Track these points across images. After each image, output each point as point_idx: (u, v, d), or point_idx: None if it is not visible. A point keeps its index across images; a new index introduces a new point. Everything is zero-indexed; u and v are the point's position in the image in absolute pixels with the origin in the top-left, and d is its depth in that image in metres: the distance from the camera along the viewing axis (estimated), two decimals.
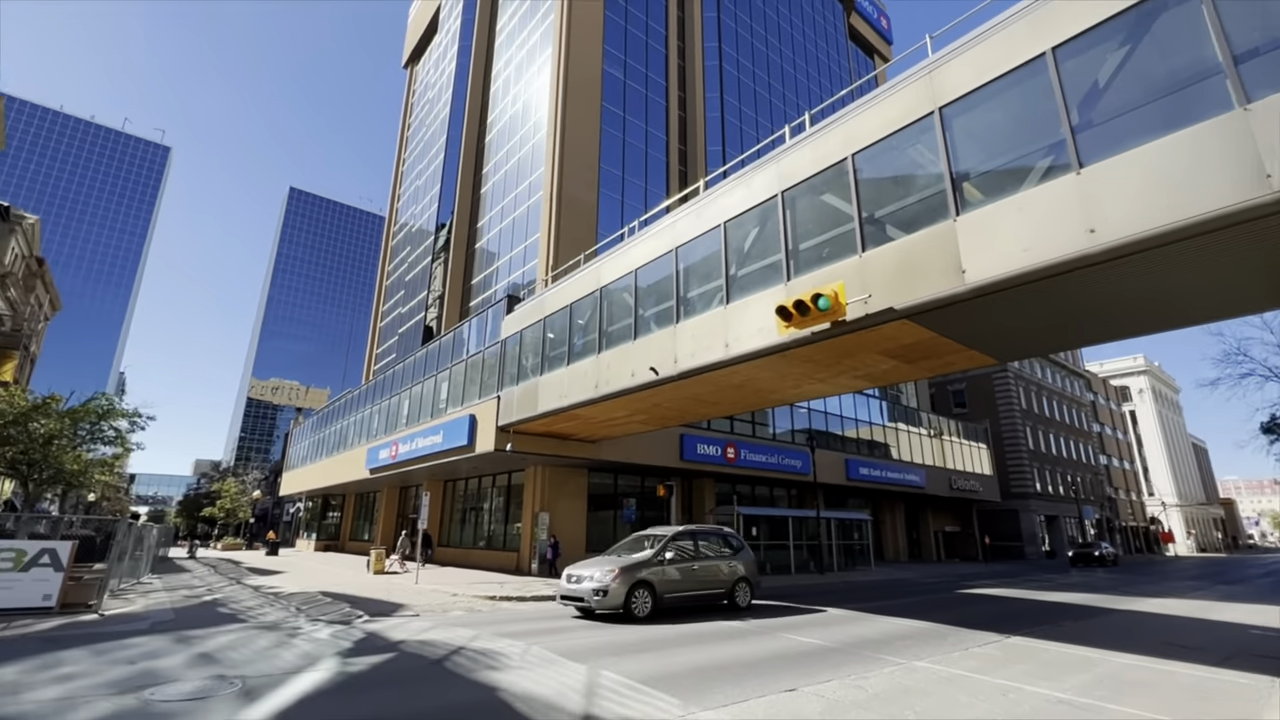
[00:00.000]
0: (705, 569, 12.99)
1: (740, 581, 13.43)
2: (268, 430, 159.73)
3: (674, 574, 12.34)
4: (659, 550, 12.42)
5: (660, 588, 11.93)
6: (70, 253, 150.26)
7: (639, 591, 11.59)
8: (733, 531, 14.65)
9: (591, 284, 16.86)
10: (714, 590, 12.98)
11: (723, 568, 13.31)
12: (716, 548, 13.76)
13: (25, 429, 21.66)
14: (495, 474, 26.13)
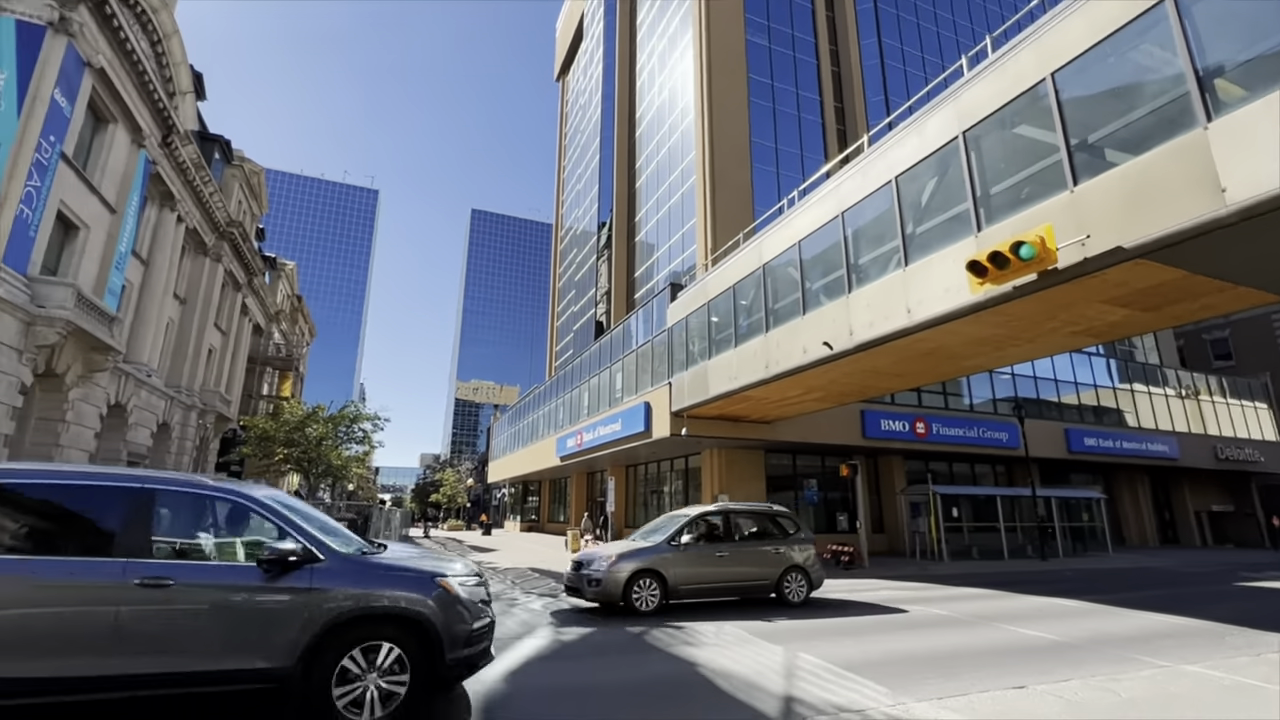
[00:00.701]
0: (741, 555, 10.91)
1: (792, 571, 11.05)
2: (473, 425, 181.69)
3: (693, 561, 10.48)
4: (674, 533, 10.69)
5: (674, 577, 10.18)
6: (316, 287, 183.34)
7: (643, 581, 9.94)
8: (785, 511, 12.17)
9: (753, 262, 16.53)
10: (753, 582, 10.90)
11: (768, 554, 11.07)
12: (761, 530, 11.64)
13: (303, 433, 27.09)
14: (673, 458, 26.91)
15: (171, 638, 4.13)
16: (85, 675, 3.89)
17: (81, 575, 4.05)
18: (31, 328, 15.36)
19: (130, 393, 21.80)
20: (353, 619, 4.45)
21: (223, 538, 4.76)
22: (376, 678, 4.45)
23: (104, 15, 17.00)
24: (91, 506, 4.36)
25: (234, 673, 4.20)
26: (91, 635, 3.93)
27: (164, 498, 4.54)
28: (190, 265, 27.68)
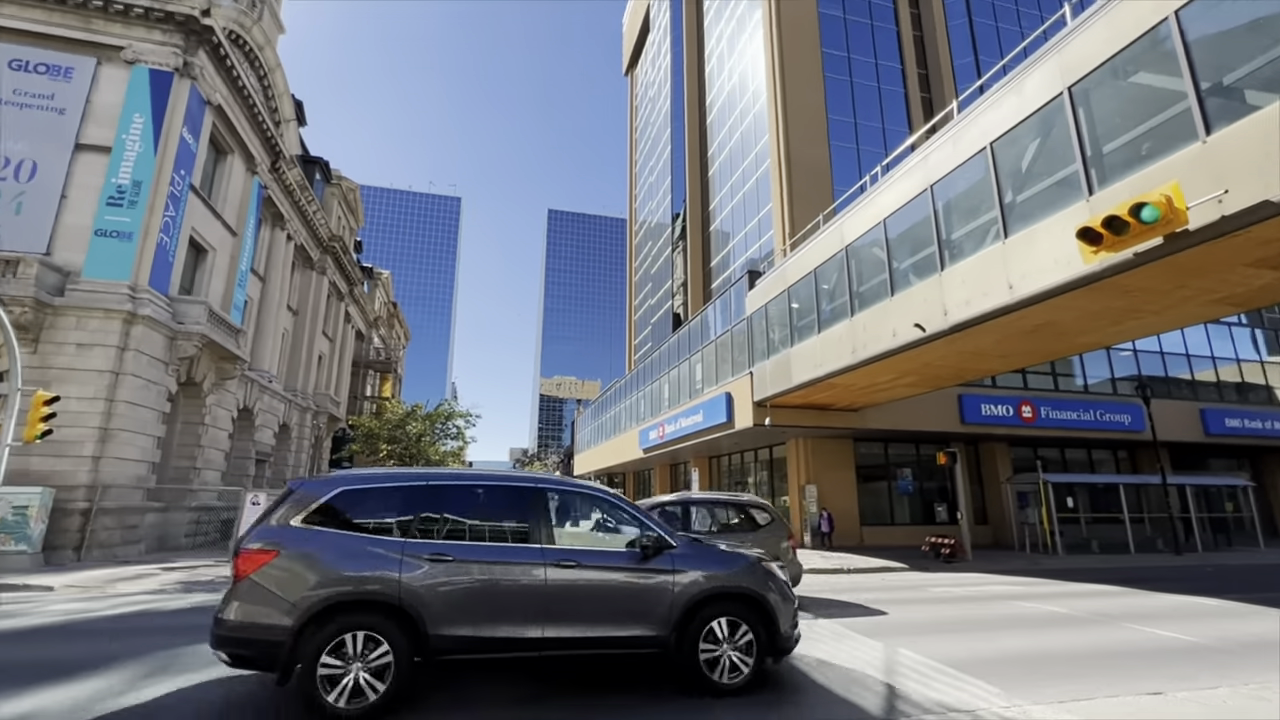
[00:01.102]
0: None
1: None
2: (557, 420, 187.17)
3: None
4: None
5: None
6: (409, 293, 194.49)
7: None
8: (756, 501, 10.95)
9: (834, 244, 15.93)
10: None
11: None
12: (726, 523, 10.53)
13: (404, 431, 28.93)
14: (756, 448, 26.51)
15: (580, 608, 5.01)
16: (522, 636, 4.84)
17: (515, 558, 4.99)
18: (174, 342, 17.29)
19: (256, 397, 24.07)
20: (708, 596, 5.28)
21: (601, 528, 5.74)
22: (729, 649, 5.21)
23: (219, 56, 18.76)
24: (509, 501, 5.36)
25: (629, 638, 5.10)
26: (525, 604, 4.88)
27: (553, 495, 5.51)
28: (299, 279, 30.14)
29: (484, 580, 4.84)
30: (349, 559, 4.65)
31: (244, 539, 4.82)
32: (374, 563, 4.66)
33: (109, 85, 16.72)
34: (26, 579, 11.23)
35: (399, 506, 5.03)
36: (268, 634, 4.40)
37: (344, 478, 5.14)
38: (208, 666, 5.79)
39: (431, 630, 4.60)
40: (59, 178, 15.80)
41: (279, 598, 4.47)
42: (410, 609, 4.57)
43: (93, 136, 16.26)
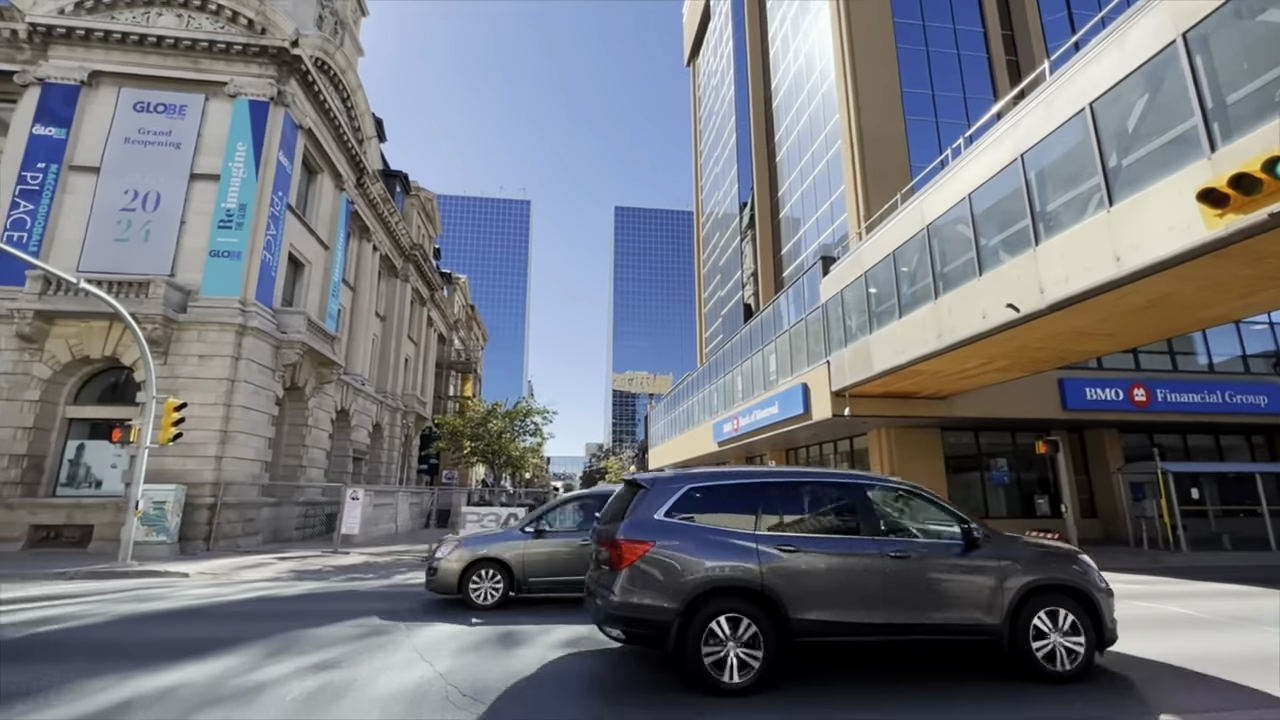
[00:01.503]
0: None
1: None
2: (630, 415, 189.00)
3: (550, 550, 8.96)
4: (534, 518, 9.48)
5: (521, 568, 8.84)
6: (484, 296, 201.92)
7: (484, 571, 8.78)
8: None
9: (914, 224, 15.14)
10: None
11: None
12: None
13: (485, 428, 30.11)
14: (836, 440, 25.71)
15: (916, 596, 5.28)
16: (868, 622, 5.19)
17: (854, 549, 5.37)
18: (279, 350, 18.77)
19: (351, 399, 25.75)
20: (1037, 587, 5.42)
21: (921, 520, 5.92)
22: (1059, 639, 5.30)
23: (307, 83, 20.12)
24: (837, 496, 5.76)
25: (963, 625, 5.30)
26: (868, 592, 5.23)
27: (874, 489, 5.82)
28: (385, 287, 31.95)
29: (831, 569, 5.24)
30: (713, 549, 5.21)
31: (611, 530, 5.50)
32: (734, 553, 5.19)
33: (215, 118, 18.32)
34: (166, 566, 12.56)
35: (741, 501, 5.56)
36: (658, 615, 5.01)
37: (689, 476, 5.71)
38: (324, 648, 6.27)
39: (791, 614, 5.06)
40: (178, 206, 17.48)
41: (662, 583, 5.08)
42: (771, 594, 5.07)
43: (204, 166, 17.88)
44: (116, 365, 16.91)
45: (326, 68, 21.25)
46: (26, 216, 16.72)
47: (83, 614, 8.12)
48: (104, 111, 17.87)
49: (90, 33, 17.82)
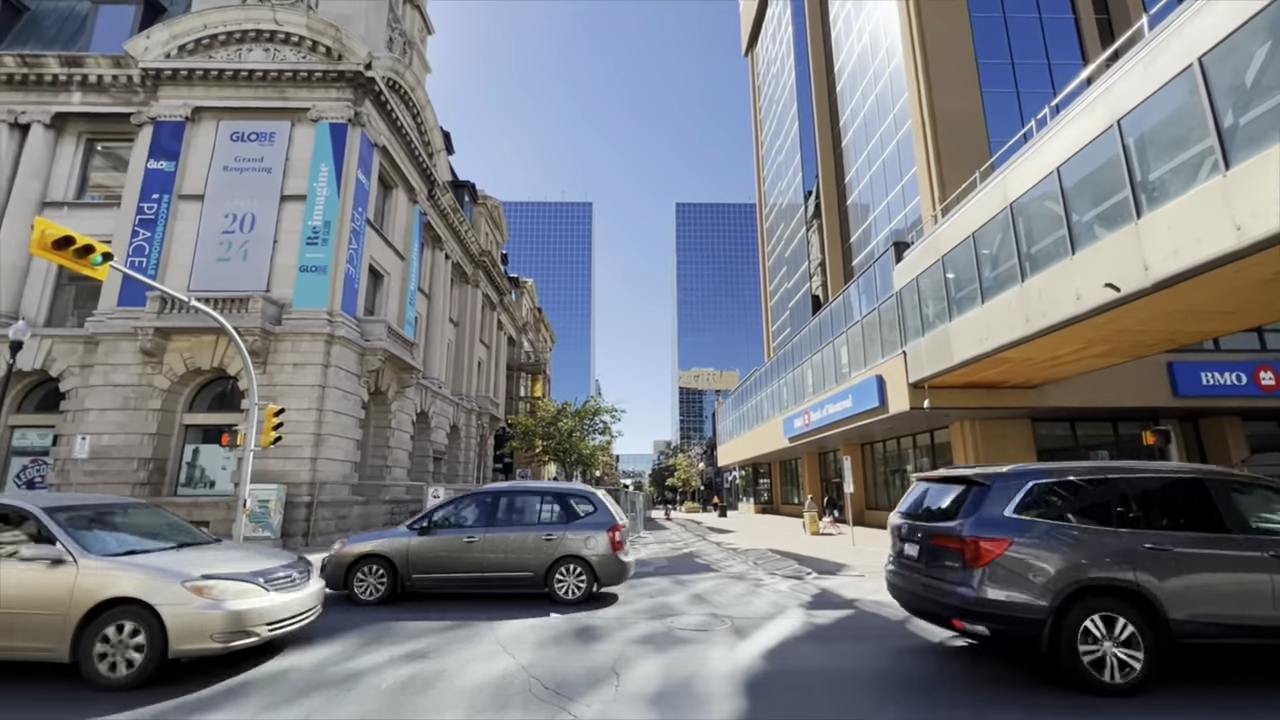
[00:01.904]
0: (499, 543, 9.03)
1: (566, 562, 8.99)
2: (698, 412, 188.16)
3: (435, 547, 8.99)
4: (423, 515, 9.44)
5: (406, 565, 8.90)
6: (551, 298, 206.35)
7: (368, 568, 8.88)
8: (585, 491, 9.85)
9: (996, 203, 14.25)
10: (513, 573, 8.95)
11: (536, 542, 9.04)
12: (535, 514, 9.45)
13: (556, 427, 30.80)
14: (915, 433, 24.61)
15: None
16: (1257, 624, 5.00)
17: (1232, 548, 5.17)
18: (363, 357, 19.88)
19: (429, 402, 26.95)
20: None
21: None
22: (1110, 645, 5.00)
23: (380, 103, 21.18)
24: (1183, 493, 5.53)
25: None
26: (1252, 593, 5.03)
27: (1219, 485, 5.50)
28: (457, 293, 33.22)
29: (1205, 568, 5.05)
30: (1079, 547, 5.15)
31: (947, 527, 5.58)
32: (1103, 550, 5.12)
33: (300, 142, 19.60)
34: None
35: (1093, 497, 5.49)
36: (1028, 612, 5.02)
37: (1035, 472, 5.64)
38: (413, 639, 6.58)
39: (1170, 614, 4.93)
40: (271, 226, 18.83)
41: (1029, 581, 5.08)
42: (1147, 593, 4.97)
43: (292, 188, 19.16)
44: (223, 375, 18.43)
45: (397, 87, 22.29)
46: (145, 243, 18.49)
47: None
48: (205, 143, 19.50)
49: (192, 72, 19.48)
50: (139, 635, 5.07)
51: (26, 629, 5.04)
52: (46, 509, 5.61)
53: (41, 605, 5.07)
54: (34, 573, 5.15)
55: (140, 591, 5.11)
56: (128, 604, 5.11)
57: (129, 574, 5.22)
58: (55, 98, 20.12)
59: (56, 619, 5.03)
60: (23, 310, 18.84)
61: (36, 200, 19.58)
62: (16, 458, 18.59)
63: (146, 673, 5.04)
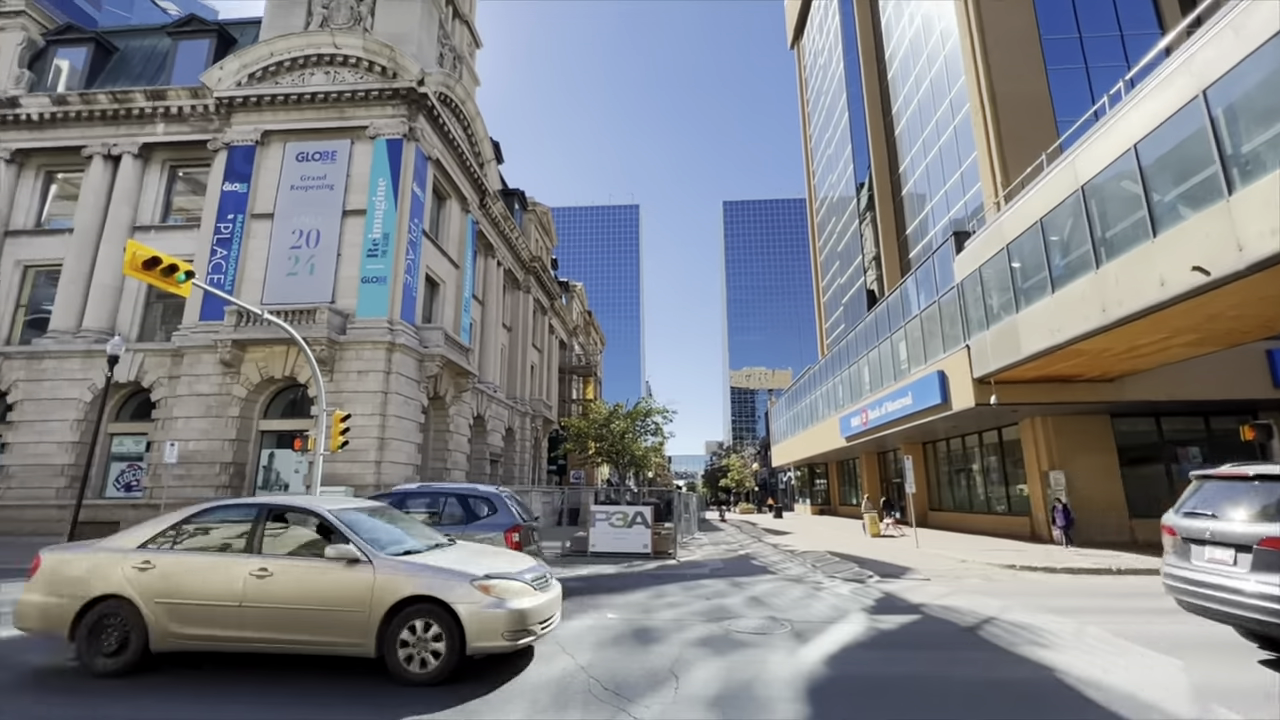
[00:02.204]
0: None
1: None
2: (750, 411, 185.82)
3: None
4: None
5: None
6: (600, 301, 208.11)
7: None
8: (487, 494, 9.88)
9: (1066, 186, 13.46)
10: None
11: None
12: (434, 518, 9.55)
13: (609, 429, 31.01)
14: (980, 431, 23.52)
15: None
16: None
17: None
18: (422, 363, 20.55)
19: (485, 406, 27.62)
20: None
21: None
22: None
23: (433, 117, 21.88)
24: None
25: None
26: None
27: None
28: (509, 299, 33.94)
29: None
30: None
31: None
32: None
33: (360, 159, 20.46)
34: None
35: None
36: None
37: None
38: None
39: None
40: (334, 240, 19.74)
41: None
42: None
43: (353, 203, 20.03)
44: (294, 383, 19.43)
45: (448, 101, 22.98)
46: (222, 261, 19.71)
47: None
48: (274, 164, 20.62)
49: (261, 98, 20.65)
50: (435, 631, 5.19)
51: (341, 625, 5.23)
52: (333, 511, 5.85)
53: (349, 603, 5.24)
54: (336, 572, 5.36)
55: (435, 590, 5.24)
56: (424, 602, 5.23)
57: (419, 573, 5.37)
58: (142, 129, 21.72)
59: (361, 615, 5.21)
60: (118, 327, 20.40)
61: (127, 225, 21.17)
62: (115, 463, 20.13)
63: (449, 668, 5.14)
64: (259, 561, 5.46)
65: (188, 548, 5.76)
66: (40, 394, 19.74)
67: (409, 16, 21.94)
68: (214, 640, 5.38)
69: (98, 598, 5.47)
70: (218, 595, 5.37)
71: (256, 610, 5.30)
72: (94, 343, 19.75)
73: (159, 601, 5.39)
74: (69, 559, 5.72)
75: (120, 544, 5.78)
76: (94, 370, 19.55)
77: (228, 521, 6.03)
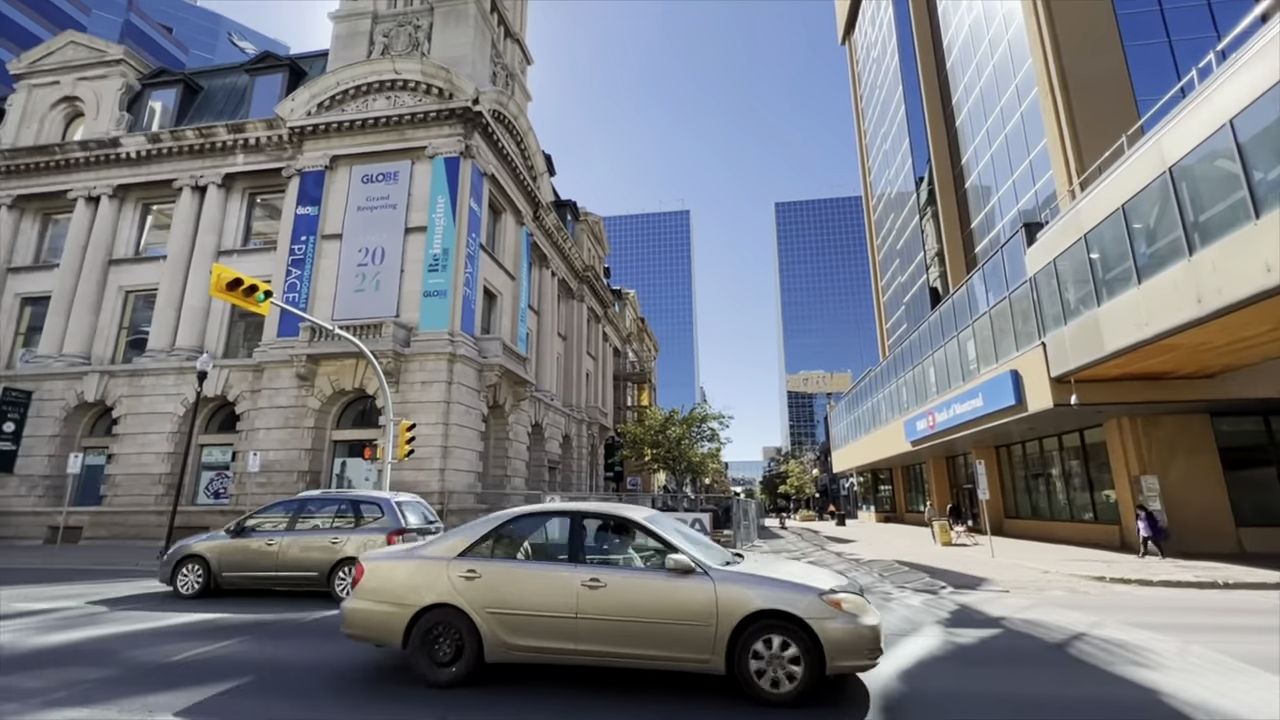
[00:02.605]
0: (294, 545, 9.94)
1: (346, 564, 9.61)
2: (808, 416, 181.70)
3: (243, 550, 10.03)
4: (238, 521, 10.45)
5: (218, 563, 10.02)
6: (652, 308, 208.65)
7: (188, 566, 10.05)
8: (378, 499, 10.38)
9: (1151, 169, 12.53)
10: (303, 573, 9.81)
11: (323, 545, 9.86)
12: (329, 521, 10.23)
13: (665, 435, 30.95)
14: (1060, 433, 22.12)
15: None
16: None
17: None
18: (481, 373, 21.09)
19: (542, 414, 28.07)
20: None
21: None
22: None
23: (488, 134, 22.53)
24: None
25: None
26: None
27: None
28: (564, 308, 34.45)
29: None
30: None
31: None
32: None
33: (420, 178, 21.29)
34: None
35: None
36: None
37: None
38: None
39: None
40: (398, 257, 20.58)
41: None
42: None
43: (414, 220, 20.84)
44: (363, 394, 20.32)
45: (502, 117, 23.63)
46: (297, 280, 20.89)
47: None
48: (341, 187, 21.73)
49: (329, 125, 21.83)
50: (792, 649, 4.77)
51: (684, 640, 4.92)
52: (648, 519, 5.65)
53: (691, 616, 4.92)
54: (674, 583, 5.04)
55: (785, 604, 4.84)
56: (773, 617, 4.84)
57: (763, 586, 4.99)
58: (224, 160, 23.34)
59: (705, 630, 4.88)
60: (205, 345, 21.91)
61: (213, 250, 22.75)
62: (205, 471, 21.57)
63: (807, 688, 4.74)
64: (589, 571, 5.23)
65: (507, 556, 5.63)
66: (140, 408, 21.41)
67: (463, 39, 22.73)
68: (546, 653, 5.17)
69: (428, 606, 5.36)
70: (552, 606, 5.16)
71: (591, 622, 5.06)
72: (185, 360, 21.28)
73: (490, 611, 5.24)
74: (394, 567, 5.63)
75: (436, 552, 5.64)
76: (186, 386, 21.05)
77: (541, 529, 5.97)
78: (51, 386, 22.15)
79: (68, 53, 26.03)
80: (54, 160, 24.31)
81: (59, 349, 22.63)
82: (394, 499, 10.51)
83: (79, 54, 25.90)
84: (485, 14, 24.09)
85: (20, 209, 24.97)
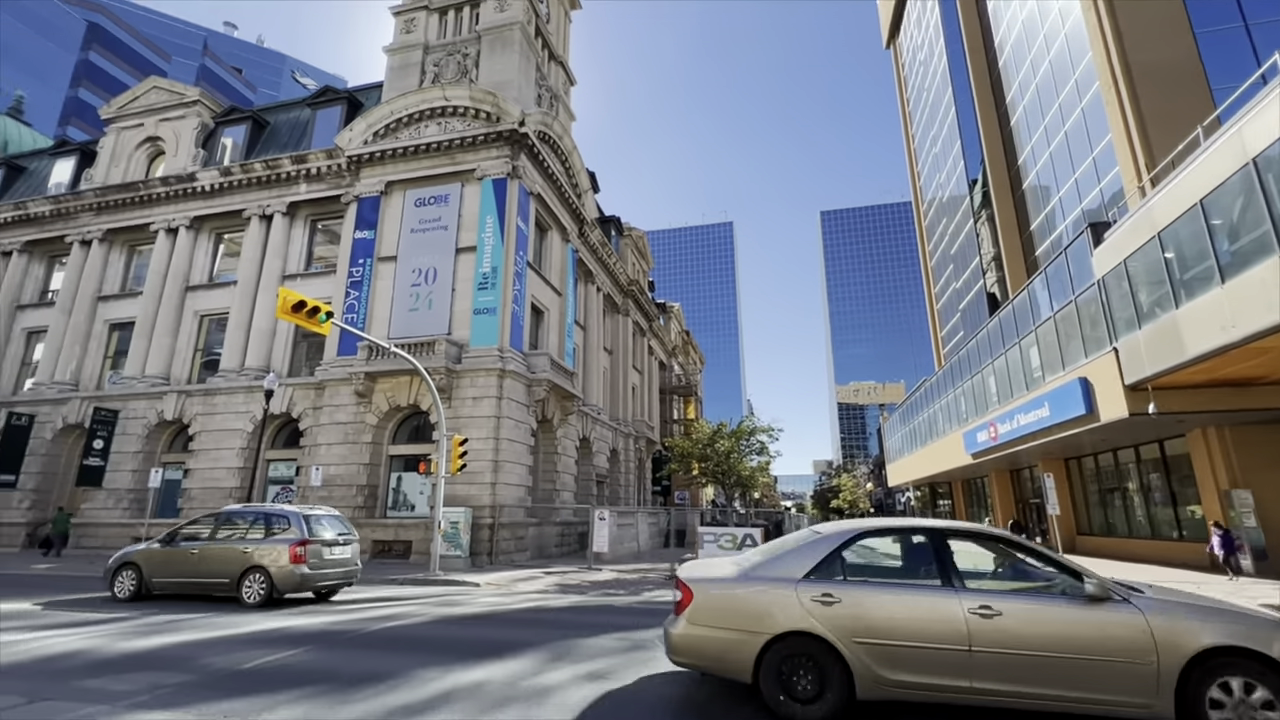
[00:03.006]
0: (211, 553, 10.75)
1: (252, 572, 10.40)
2: (860, 428, 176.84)
3: (170, 557, 10.91)
4: (170, 531, 11.42)
5: (149, 569, 10.86)
6: (698, 320, 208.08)
7: (125, 572, 10.93)
8: (287, 512, 11.06)
9: (1231, 161, 11.75)
10: (217, 579, 10.63)
11: (235, 553, 10.60)
12: (244, 532, 10.98)
13: (713, 448, 30.64)
14: (1137, 444, 20.78)
15: None
16: None
17: None
18: (530, 388, 21.42)
19: (590, 428, 28.24)
20: None
21: None
22: None
23: (533, 154, 23.07)
24: None
25: None
26: None
27: None
28: (609, 323, 34.71)
29: None
30: None
31: None
32: None
33: (469, 199, 21.95)
34: (462, 576, 14.92)
35: None
36: None
37: None
38: (594, 658, 6.76)
39: None
40: (449, 276, 21.21)
41: None
42: None
43: (464, 241, 21.47)
44: (417, 410, 20.92)
45: (547, 138, 24.18)
46: (355, 301, 21.80)
47: (411, 614, 9.97)
48: (396, 211, 22.62)
49: (384, 153, 22.82)
50: (1257, 693, 4.04)
51: (1114, 680, 4.26)
52: (1024, 540, 5.17)
53: (1121, 652, 4.27)
54: (1089, 613, 4.42)
55: (1249, 641, 4.12)
56: (1231, 655, 4.14)
57: (1212, 617, 4.32)
58: (289, 190, 24.68)
59: (1144, 669, 4.20)
60: (271, 365, 23.05)
61: (278, 275, 24.00)
62: (271, 485, 22.58)
63: None
64: (977, 598, 4.58)
65: (862, 579, 5.03)
66: (213, 426, 22.66)
67: (509, 64, 23.44)
68: (934, 690, 4.50)
69: (781, 635, 4.79)
70: (935, 637, 4.52)
71: (989, 656, 4.41)
72: (254, 379, 22.43)
73: (858, 641, 4.62)
74: (733, 588, 5.12)
75: (775, 573, 5.10)
76: (254, 404, 22.17)
77: (894, 549, 5.46)
78: (135, 406, 23.72)
79: (151, 97, 28.18)
80: (138, 196, 26.27)
81: (142, 370, 24.24)
82: (303, 512, 11.17)
83: (160, 97, 27.99)
84: (529, 39, 24.80)
85: (110, 242, 27.03)
